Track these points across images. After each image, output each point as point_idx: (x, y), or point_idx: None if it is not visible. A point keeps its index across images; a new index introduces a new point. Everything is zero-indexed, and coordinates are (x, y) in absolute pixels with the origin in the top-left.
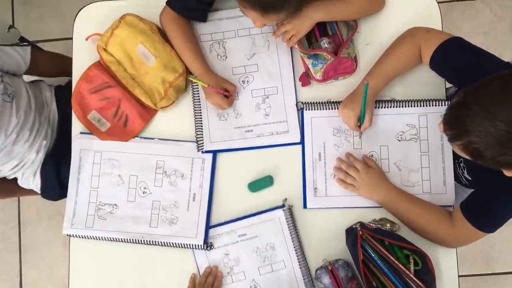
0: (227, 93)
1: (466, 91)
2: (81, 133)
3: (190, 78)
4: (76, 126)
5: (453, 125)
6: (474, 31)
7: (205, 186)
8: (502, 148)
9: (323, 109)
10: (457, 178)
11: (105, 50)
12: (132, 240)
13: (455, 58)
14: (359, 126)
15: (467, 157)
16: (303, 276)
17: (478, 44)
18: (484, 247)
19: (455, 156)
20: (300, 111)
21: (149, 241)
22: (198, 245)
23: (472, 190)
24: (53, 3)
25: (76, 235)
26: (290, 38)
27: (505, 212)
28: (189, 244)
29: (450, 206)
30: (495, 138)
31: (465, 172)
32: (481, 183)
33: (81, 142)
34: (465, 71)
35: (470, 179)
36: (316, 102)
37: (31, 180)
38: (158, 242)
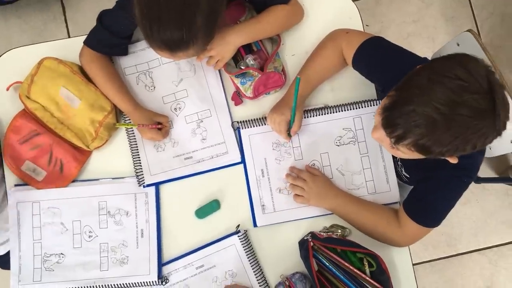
0: (160, 126)
1: (397, 88)
2: (16, 185)
3: (118, 126)
4: (10, 179)
5: (395, 126)
6: (404, 20)
7: (151, 220)
8: (451, 136)
9: (259, 125)
10: (399, 176)
11: (28, 97)
12: (84, 287)
13: (375, 57)
14: (289, 134)
15: (414, 155)
16: None
17: (411, 33)
18: (445, 229)
19: (393, 156)
20: (237, 130)
21: (102, 285)
22: (152, 282)
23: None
24: None
25: None
26: (216, 63)
27: (444, 204)
28: (143, 282)
29: (396, 202)
30: (441, 127)
31: (403, 170)
32: (417, 180)
33: (16, 195)
34: (384, 69)
35: (409, 176)
36: (252, 120)
37: None
38: (111, 285)
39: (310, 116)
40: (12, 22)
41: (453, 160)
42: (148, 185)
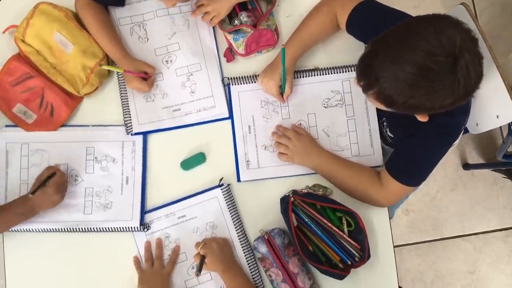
0: (146, 75)
1: (374, 41)
2: (6, 126)
3: (104, 67)
4: (1, 120)
5: (364, 75)
6: (405, 5)
7: (137, 168)
8: (411, 90)
9: (250, 82)
10: (383, 138)
11: (23, 41)
12: (67, 229)
13: (368, 19)
14: (282, 96)
15: (382, 106)
16: (243, 251)
17: None
18: (432, 213)
19: (379, 116)
20: (227, 86)
21: (85, 228)
22: (134, 227)
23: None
24: None
25: (13, 230)
26: (211, 19)
27: (425, 162)
28: (125, 227)
29: (379, 166)
30: (404, 81)
31: (388, 131)
32: (400, 139)
33: (6, 135)
34: (376, 31)
35: (392, 136)
36: (242, 77)
37: None
38: (93, 228)
39: (300, 77)
40: None
41: (422, 119)
42: (136, 134)
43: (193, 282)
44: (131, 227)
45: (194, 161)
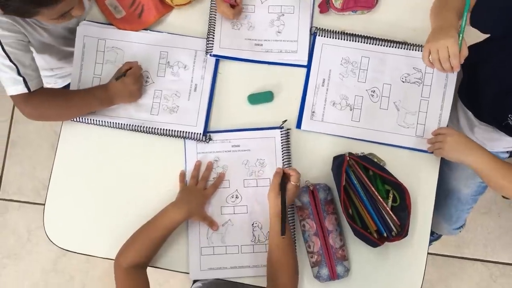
0: (234, 3)
1: None
2: (87, 20)
3: None
4: (90, 15)
5: None
6: None
7: (207, 77)
8: None
9: (336, 38)
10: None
11: None
12: (132, 126)
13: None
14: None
15: None
16: None
17: None
18: None
19: (502, 115)
20: (313, 35)
21: (149, 128)
22: (197, 134)
23: None
24: None
25: (78, 120)
26: None
27: None
28: (189, 133)
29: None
30: None
31: None
32: None
33: (85, 28)
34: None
35: None
36: (331, 30)
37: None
38: (158, 129)
39: (387, 46)
40: None
41: None
42: (214, 55)
43: (228, 210)
44: (195, 133)
45: (262, 97)
